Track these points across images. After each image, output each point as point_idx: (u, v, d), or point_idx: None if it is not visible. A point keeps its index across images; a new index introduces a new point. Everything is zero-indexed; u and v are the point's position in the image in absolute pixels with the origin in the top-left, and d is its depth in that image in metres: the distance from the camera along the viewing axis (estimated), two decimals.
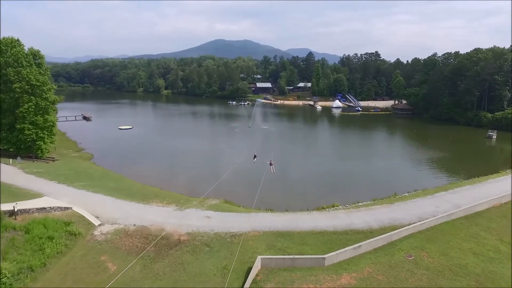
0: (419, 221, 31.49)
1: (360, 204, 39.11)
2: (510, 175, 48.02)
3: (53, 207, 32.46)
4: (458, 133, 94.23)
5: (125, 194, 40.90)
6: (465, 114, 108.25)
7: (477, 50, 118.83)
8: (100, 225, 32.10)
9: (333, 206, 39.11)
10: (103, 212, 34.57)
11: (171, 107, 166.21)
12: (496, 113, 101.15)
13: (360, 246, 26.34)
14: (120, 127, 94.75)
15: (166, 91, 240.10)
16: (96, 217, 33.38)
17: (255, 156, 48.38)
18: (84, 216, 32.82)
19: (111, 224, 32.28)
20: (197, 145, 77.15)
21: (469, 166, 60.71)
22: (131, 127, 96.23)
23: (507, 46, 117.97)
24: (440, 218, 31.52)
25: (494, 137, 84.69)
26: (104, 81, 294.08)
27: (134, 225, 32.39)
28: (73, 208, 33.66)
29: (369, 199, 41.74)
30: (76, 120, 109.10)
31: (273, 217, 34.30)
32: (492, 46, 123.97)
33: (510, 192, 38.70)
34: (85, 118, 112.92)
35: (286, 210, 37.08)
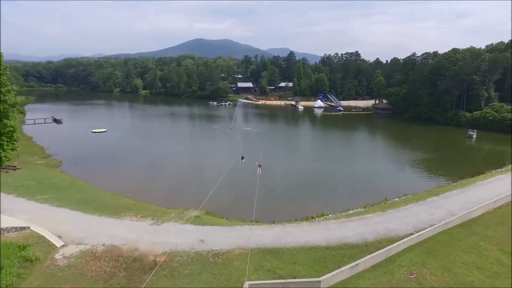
0: (415, 231, 29.54)
1: (351, 212, 36.90)
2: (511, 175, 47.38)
3: (7, 228, 28.14)
4: (439, 133, 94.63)
5: (95, 207, 36.86)
6: (444, 113, 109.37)
7: (454, 50, 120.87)
8: (63, 246, 28.08)
9: (322, 215, 36.70)
10: (68, 230, 30.52)
11: (149, 108, 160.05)
12: (474, 112, 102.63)
13: (357, 264, 23.86)
14: (93, 130, 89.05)
15: (144, 91, 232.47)
16: (58, 237, 29.30)
17: (242, 158, 47.35)
18: (44, 237, 28.68)
19: (76, 245, 28.34)
20: (177, 149, 73.22)
21: (455, 167, 60.08)
22: (105, 130, 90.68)
23: (476, 46, 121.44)
24: (437, 228, 29.61)
25: (474, 136, 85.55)
26: (78, 81, 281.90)
27: (103, 244, 28.63)
28: (31, 228, 29.44)
29: (359, 205, 39.65)
30: (45, 122, 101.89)
31: (260, 230, 31.38)
32: (469, 46, 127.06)
33: (500, 196, 37.68)
34: (55, 120, 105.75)
35: (273, 222, 34.27)
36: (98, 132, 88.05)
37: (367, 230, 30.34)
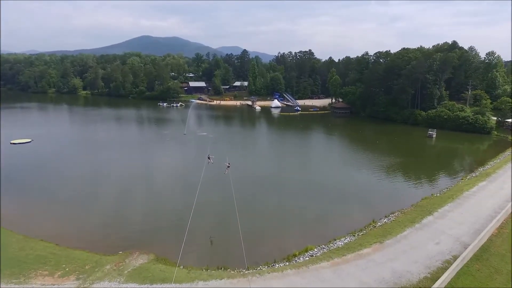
0: (429, 273, 23.44)
1: (340, 243, 30.03)
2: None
3: None
4: (399, 133, 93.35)
5: None
6: (401, 112, 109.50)
7: (406, 50, 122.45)
8: None
9: (306, 251, 29.40)
10: None
11: (91, 111, 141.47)
12: (429, 111, 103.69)
13: None
14: (13, 141, 73.05)
15: (84, 92, 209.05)
16: None
17: (209, 157, 46.11)
18: None
19: None
20: (119, 163, 61.18)
21: (429, 172, 56.87)
22: (29, 140, 75.02)
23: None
24: (455, 268, 23.66)
25: (434, 136, 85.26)
26: (5, 81, 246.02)
27: None
28: None
29: (345, 231, 33.19)
30: None
31: None
32: (419, 46, 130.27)
33: (499, 214, 33.60)
34: None
35: (247, 268, 25.99)
36: (18, 143, 72.36)
37: (371, 277, 23.43)
